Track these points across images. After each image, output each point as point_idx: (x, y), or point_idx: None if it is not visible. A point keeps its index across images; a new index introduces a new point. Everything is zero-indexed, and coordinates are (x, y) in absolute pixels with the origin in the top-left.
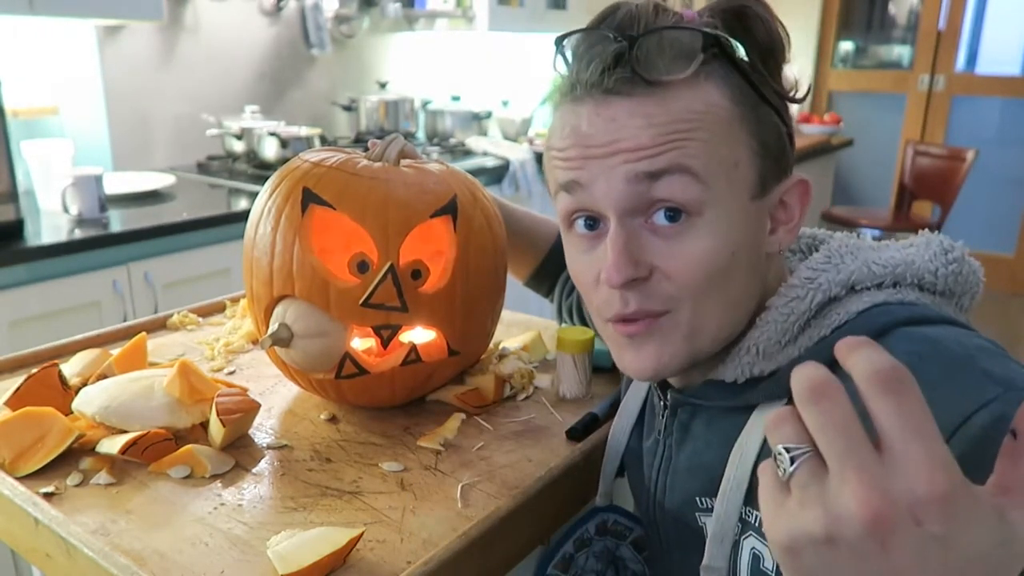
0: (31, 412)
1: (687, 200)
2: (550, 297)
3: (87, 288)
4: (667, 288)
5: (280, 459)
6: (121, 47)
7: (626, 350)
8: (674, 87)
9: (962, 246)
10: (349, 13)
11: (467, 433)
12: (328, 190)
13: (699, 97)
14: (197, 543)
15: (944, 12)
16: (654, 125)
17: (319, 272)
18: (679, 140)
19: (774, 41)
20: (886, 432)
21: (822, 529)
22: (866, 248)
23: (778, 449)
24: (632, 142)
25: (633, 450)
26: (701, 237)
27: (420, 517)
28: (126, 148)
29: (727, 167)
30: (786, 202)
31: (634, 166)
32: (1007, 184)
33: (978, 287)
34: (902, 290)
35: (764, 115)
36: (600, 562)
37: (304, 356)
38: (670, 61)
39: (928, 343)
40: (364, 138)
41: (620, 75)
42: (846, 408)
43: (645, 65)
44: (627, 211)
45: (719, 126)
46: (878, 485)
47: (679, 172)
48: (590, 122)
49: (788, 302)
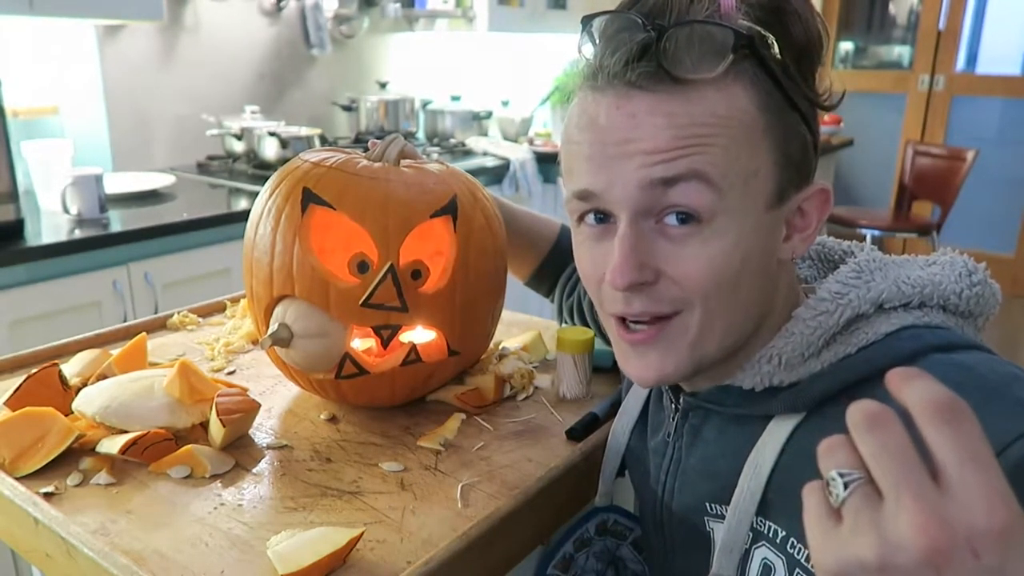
0: (31, 412)
1: (700, 207)
2: (550, 297)
3: (87, 288)
4: (675, 292)
5: (280, 459)
6: (121, 47)
7: (629, 356)
8: (700, 86)
9: (984, 268)
10: (349, 13)
11: (467, 433)
12: (328, 190)
13: (725, 100)
14: (197, 543)
15: (944, 12)
16: (674, 126)
17: (319, 272)
18: (698, 145)
19: (811, 41)
20: (944, 462)
21: (876, 556)
22: (892, 264)
23: (831, 475)
24: (650, 143)
25: (634, 450)
26: (710, 243)
27: (420, 517)
28: (126, 148)
29: (745, 176)
30: (804, 209)
31: (649, 171)
32: (1007, 184)
33: (995, 308)
34: (928, 312)
35: (791, 123)
36: (600, 562)
37: (304, 356)
38: (698, 58)
39: (963, 371)
40: (364, 138)
41: (645, 68)
42: (902, 436)
43: (672, 60)
44: (639, 213)
45: (742, 133)
46: (936, 513)
47: (695, 179)
48: (609, 116)
49: (816, 315)
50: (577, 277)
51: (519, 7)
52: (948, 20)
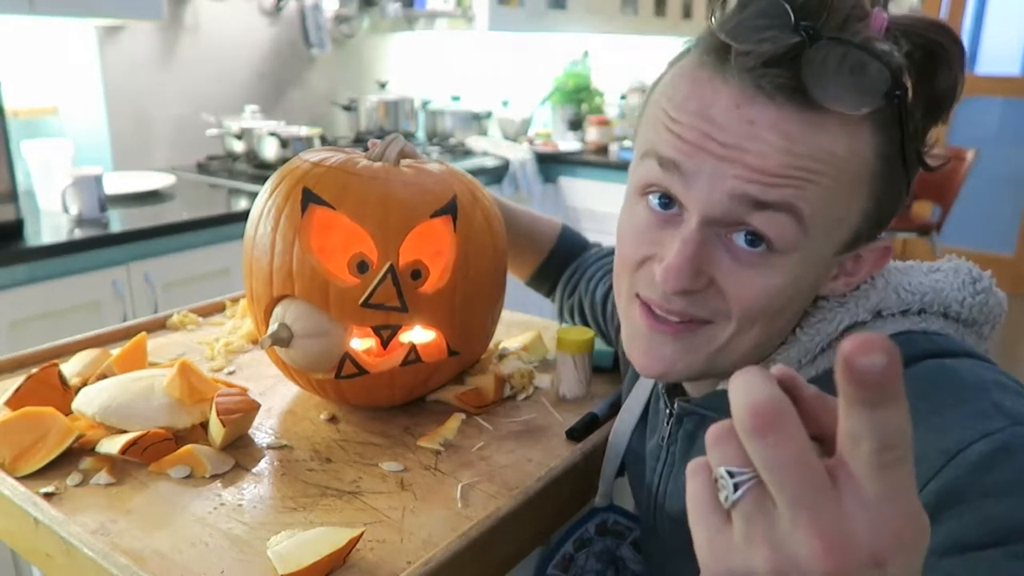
0: (31, 412)
1: (778, 239)
2: (551, 297)
3: (87, 288)
4: (718, 303)
5: (280, 459)
6: (121, 47)
7: (640, 339)
8: (830, 117)
9: (989, 276)
10: (349, 13)
11: (467, 433)
12: (328, 190)
13: (848, 140)
14: (197, 543)
15: (944, 12)
16: (789, 153)
17: (319, 272)
18: (804, 180)
19: (949, 97)
20: (857, 472)
21: (770, 571)
22: (895, 271)
23: (720, 472)
24: (758, 160)
25: (634, 450)
26: (773, 276)
27: (420, 517)
28: (126, 148)
29: (833, 221)
30: (861, 257)
31: (746, 186)
32: (1007, 184)
33: (1000, 317)
34: (927, 318)
35: (897, 178)
36: (600, 562)
37: (304, 356)
38: (844, 90)
39: (943, 372)
40: (364, 138)
41: (783, 79)
42: (797, 441)
43: (816, 80)
44: (713, 220)
45: (849, 178)
46: (839, 532)
47: (787, 212)
48: (726, 112)
49: (816, 323)
50: (579, 277)
51: (519, 7)
52: (948, 20)
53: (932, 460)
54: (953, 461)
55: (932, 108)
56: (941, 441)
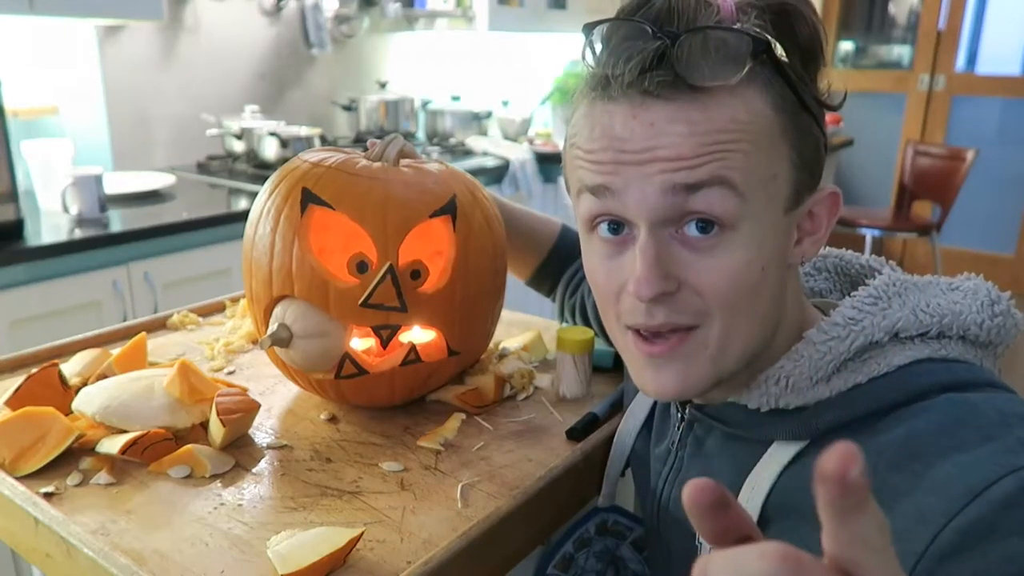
0: (31, 412)
1: (724, 214)
2: (551, 296)
3: (87, 288)
4: (696, 303)
5: (280, 459)
6: (121, 47)
7: (646, 369)
8: (717, 93)
9: (1008, 298)
10: (349, 13)
11: (467, 433)
12: (327, 190)
13: (743, 105)
14: (197, 543)
15: (944, 12)
16: (696, 134)
17: (318, 272)
18: (721, 151)
19: (815, 41)
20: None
21: None
22: (913, 288)
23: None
24: (672, 151)
25: (639, 453)
26: (734, 252)
27: (420, 517)
28: (126, 148)
29: (766, 180)
30: (814, 213)
31: (671, 176)
32: (1007, 184)
33: (1015, 338)
34: (945, 344)
35: (804, 124)
36: (600, 562)
37: (304, 356)
38: (716, 65)
39: (966, 408)
40: (364, 138)
41: (661, 77)
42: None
43: (688, 68)
44: (659, 221)
45: (761, 136)
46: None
47: (719, 185)
48: (625, 125)
49: (827, 340)
50: (580, 277)
51: (519, 7)
52: (948, 20)
53: (956, 497)
54: (978, 498)
55: (807, 57)
56: (966, 478)
